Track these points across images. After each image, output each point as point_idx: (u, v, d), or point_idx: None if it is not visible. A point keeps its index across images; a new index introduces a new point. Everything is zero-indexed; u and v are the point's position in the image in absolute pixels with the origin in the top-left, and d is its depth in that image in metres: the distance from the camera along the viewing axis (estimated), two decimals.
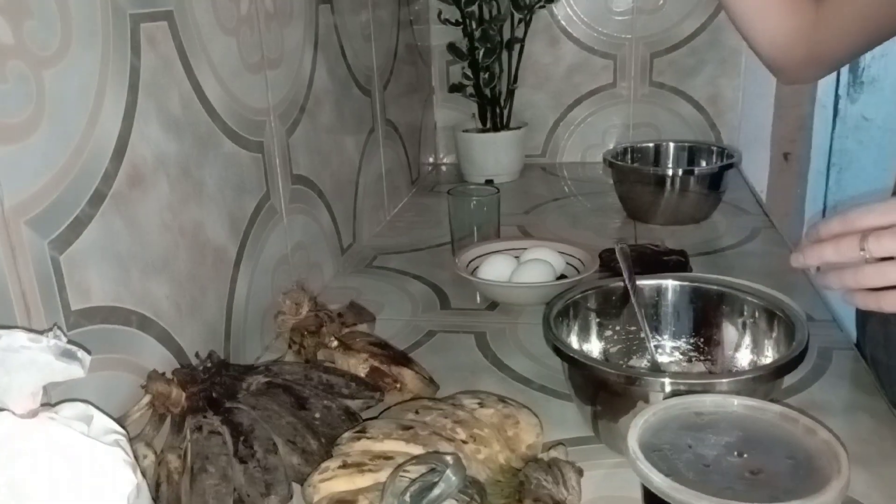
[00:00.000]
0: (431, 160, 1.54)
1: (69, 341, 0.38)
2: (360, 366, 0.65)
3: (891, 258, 0.49)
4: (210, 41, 0.69)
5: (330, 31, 0.98)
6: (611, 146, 1.41)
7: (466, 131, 1.42)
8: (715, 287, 0.67)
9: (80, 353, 0.38)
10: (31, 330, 0.38)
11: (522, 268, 0.90)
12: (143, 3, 0.59)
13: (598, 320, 0.69)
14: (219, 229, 0.71)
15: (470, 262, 0.94)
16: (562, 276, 0.91)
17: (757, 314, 0.63)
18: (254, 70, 0.78)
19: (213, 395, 0.59)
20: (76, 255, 0.52)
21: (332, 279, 1.00)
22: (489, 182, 1.38)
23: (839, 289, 0.52)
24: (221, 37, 0.71)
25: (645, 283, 0.69)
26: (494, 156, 1.41)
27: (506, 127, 1.41)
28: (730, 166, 1.12)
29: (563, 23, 1.43)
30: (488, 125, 1.41)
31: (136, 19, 0.58)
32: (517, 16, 1.34)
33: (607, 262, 0.91)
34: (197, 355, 0.64)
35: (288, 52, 0.86)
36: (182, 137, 0.65)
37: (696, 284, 0.68)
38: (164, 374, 0.59)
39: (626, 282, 0.67)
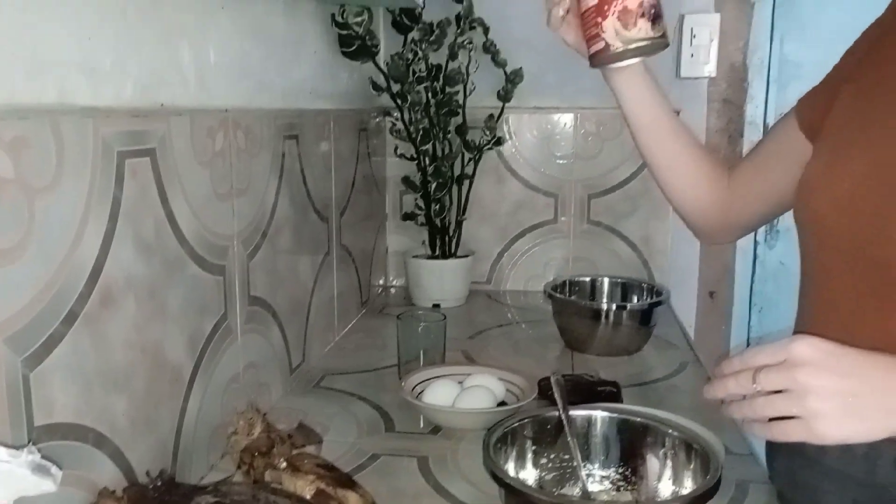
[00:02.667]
0: (382, 282, 1.60)
1: (43, 457, 0.41)
2: (307, 487, 0.67)
3: (780, 392, 0.56)
4: (186, 173, 0.75)
5: (294, 163, 1.06)
6: (551, 277, 1.50)
7: (416, 257, 1.49)
8: (640, 420, 0.72)
9: (53, 469, 0.40)
10: (8, 445, 0.41)
11: (465, 393, 0.94)
12: (131, 142, 0.65)
13: (534, 448, 0.74)
14: (178, 348, 0.75)
15: (415, 387, 0.98)
16: (502, 403, 0.95)
17: (676, 447, 0.69)
18: (223, 199, 0.84)
19: None
20: (45, 372, 0.55)
21: (281, 398, 1.02)
22: (436, 306, 1.44)
23: (739, 418, 0.59)
24: (196, 169, 0.77)
25: (578, 413, 0.75)
26: (442, 281, 1.48)
27: (454, 255, 1.49)
28: (659, 303, 1.21)
29: (509, 162, 1.55)
30: (437, 252, 1.49)
31: (122, 155, 0.64)
32: (468, 155, 1.45)
33: (545, 391, 0.97)
34: (148, 474, 0.66)
35: (255, 182, 0.92)
36: (151, 261, 0.69)
37: (623, 416, 0.74)
38: (114, 491, 0.61)
39: (561, 412, 0.73)
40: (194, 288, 0.78)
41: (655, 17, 0.74)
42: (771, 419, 0.57)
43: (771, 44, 1.48)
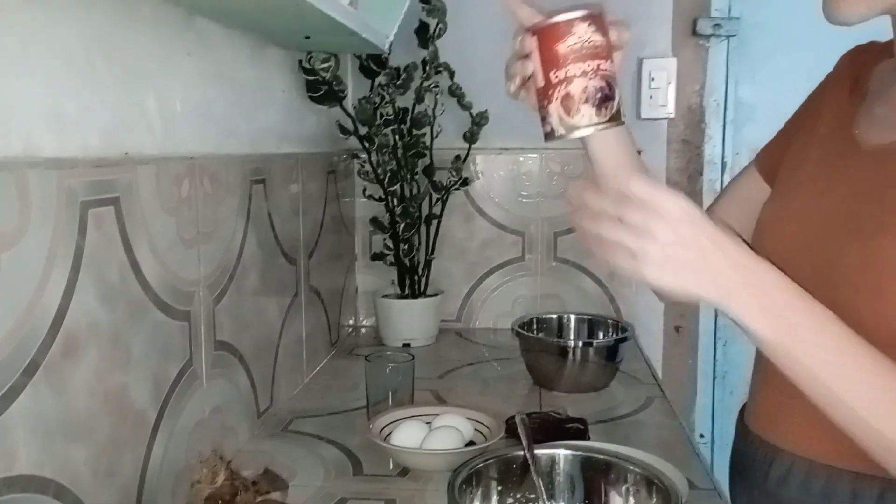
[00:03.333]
0: (351, 322, 1.60)
1: None
2: None
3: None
4: (151, 220, 0.76)
5: (261, 206, 1.07)
6: (520, 314, 1.51)
7: (386, 297, 1.50)
8: (602, 457, 0.74)
9: None
10: None
11: (433, 434, 0.95)
12: (95, 191, 0.66)
13: (499, 488, 0.74)
14: (141, 394, 0.74)
15: (384, 428, 0.98)
16: (471, 443, 0.96)
17: (638, 483, 0.70)
18: (189, 245, 0.84)
19: None
20: (6, 425, 0.54)
21: (248, 442, 1.01)
22: (406, 346, 1.44)
23: (580, 226, 0.61)
24: (162, 216, 0.78)
25: (542, 452, 0.75)
26: (412, 321, 1.48)
27: (423, 294, 1.50)
28: (624, 339, 1.22)
29: (476, 201, 1.58)
30: (407, 292, 1.50)
31: (86, 205, 0.65)
32: (435, 195, 1.47)
33: (513, 429, 0.97)
34: None
35: (221, 226, 0.93)
36: (115, 308, 0.70)
37: (586, 454, 0.75)
38: None
39: (526, 452, 0.73)
40: (159, 334, 0.78)
41: (603, 100, 0.68)
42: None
43: (726, 87, 1.53)
